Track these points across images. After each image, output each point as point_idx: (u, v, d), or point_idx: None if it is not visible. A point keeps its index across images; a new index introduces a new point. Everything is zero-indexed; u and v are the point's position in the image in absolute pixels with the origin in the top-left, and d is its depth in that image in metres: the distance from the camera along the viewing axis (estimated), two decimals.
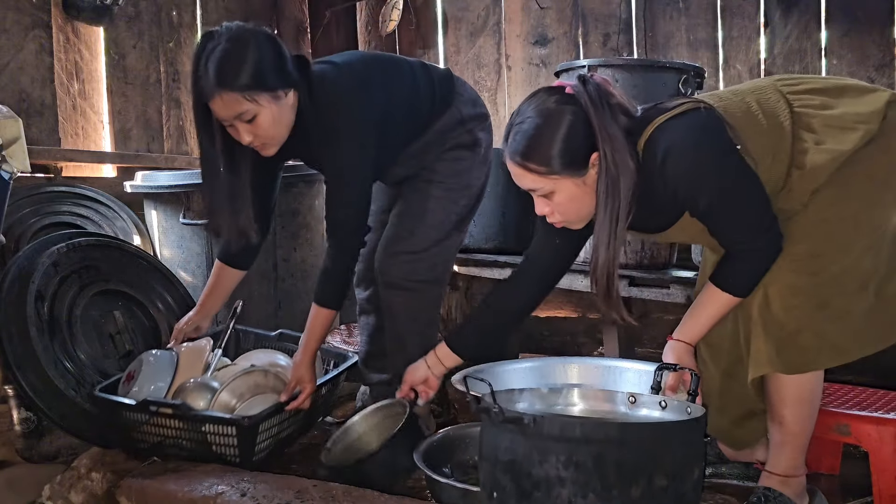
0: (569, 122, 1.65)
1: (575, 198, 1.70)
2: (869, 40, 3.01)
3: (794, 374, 1.70)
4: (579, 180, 1.68)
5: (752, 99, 1.75)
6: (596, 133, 1.64)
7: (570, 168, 1.66)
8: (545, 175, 1.68)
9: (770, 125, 1.72)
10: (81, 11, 3.40)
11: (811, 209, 1.72)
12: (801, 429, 1.75)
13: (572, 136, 1.65)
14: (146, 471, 1.98)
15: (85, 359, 2.21)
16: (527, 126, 1.68)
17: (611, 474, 1.42)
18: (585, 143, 1.65)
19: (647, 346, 3.48)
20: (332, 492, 1.80)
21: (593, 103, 1.65)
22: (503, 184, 3.22)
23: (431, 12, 4.22)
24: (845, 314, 1.70)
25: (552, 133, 1.65)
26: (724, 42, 3.34)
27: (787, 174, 1.72)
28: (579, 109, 1.66)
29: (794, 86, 1.79)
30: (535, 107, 1.69)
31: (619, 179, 1.65)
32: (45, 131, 3.34)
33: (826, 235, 1.70)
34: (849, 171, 1.71)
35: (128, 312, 2.40)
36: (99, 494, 1.99)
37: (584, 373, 2.45)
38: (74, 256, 2.30)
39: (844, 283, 1.70)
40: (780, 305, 1.68)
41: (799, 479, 1.78)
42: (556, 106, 1.67)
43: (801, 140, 1.72)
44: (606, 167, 1.64)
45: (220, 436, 1.97)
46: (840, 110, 1.73)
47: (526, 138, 1.67)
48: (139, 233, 3.19)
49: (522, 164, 1.69)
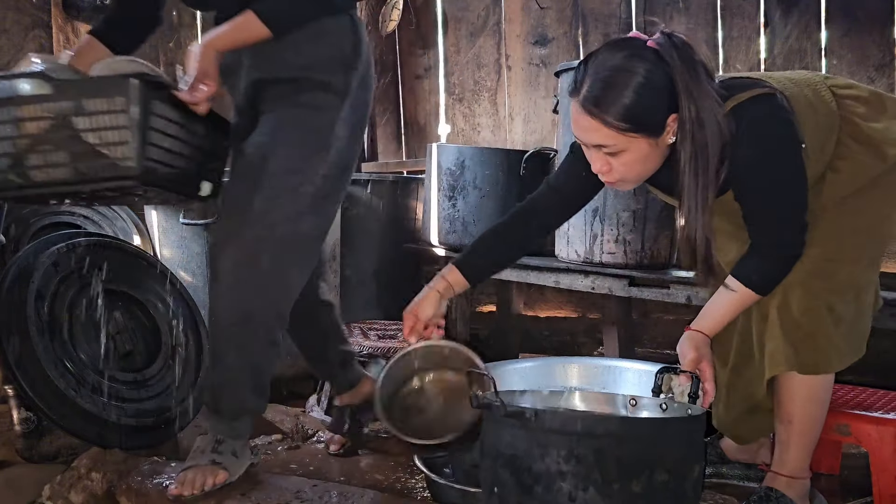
0: (654, 76, 1.57)
1: (644, 158, 1.62)
2: (869, 40, 3.01)
3: (809, 374, 1.71)
4: (654, 140, 1.61)
5: (809, 92, 1.73)
6: (679, 92, 1.57)
7: (649, 126, 1.59)
8: (624, 132, 1.58)
9: (823, 124, 1.71)
10: (81, 11, 3.40)
11: (831, 214, 1.72)
12: (809, 428, 1.76)
13: (657, 92, 1.57)
14: (146, 471, 1.98)
15: (85, 359, 2.21)
16: (609, 74, 1.57)
17: (611, 468, 1.42)
18: (668, 102, 1.58)
19: (647, 346, 3.48)
20: (331, 492, 1.81)
21: (682, 59, 1.58)
22: (503, 184, 3.22)
23: (431, 12, 4.22)
24: (841, 321, 1.72)
25: (638, 86, 1.56)
26: (724, 42, 3.34)
27: (822, 176, 1.73)
28: (664, 65, 1.58)
29: (843, 89, 1.78)
30: (619, 56, 1.59)
31: (706, 142, 1.58)
32: None
33: (841, 243, 1.72)
34: (871, 185, 1.73)
35: (128, 312, 2.40)
36: (99, 494, 1.99)
37: (584, 373, 2.45)
38: (74, 256, 2.30)
39: (846, 291, 1.72)
40: (798, 307, 1.69)
41: (803, 482, 1.79)
42: (640, 58, 1.58)
43: (843, 145, 1.72)
44: (692, 128, 1.57)
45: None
46: (883, 125, 1.74)
47: (607, 88, 1.57)
48: (139, 233, 3.19)
49: (599, 116, 1.58)
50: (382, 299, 3.71)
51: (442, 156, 3.30)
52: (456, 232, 3.28)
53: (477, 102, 4.09)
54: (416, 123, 4.34)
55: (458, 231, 3.27)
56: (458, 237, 3.28)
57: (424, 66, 4.29)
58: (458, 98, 4.15)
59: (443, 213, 3.30)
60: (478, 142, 4.04)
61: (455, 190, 3.25)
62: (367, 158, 4.49)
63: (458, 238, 3.28)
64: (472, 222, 3.25)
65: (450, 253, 3.32)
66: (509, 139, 3.96)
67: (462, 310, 3.45)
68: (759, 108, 1.63)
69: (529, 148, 3.45)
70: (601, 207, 2.78)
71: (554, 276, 2.95)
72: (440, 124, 4.24)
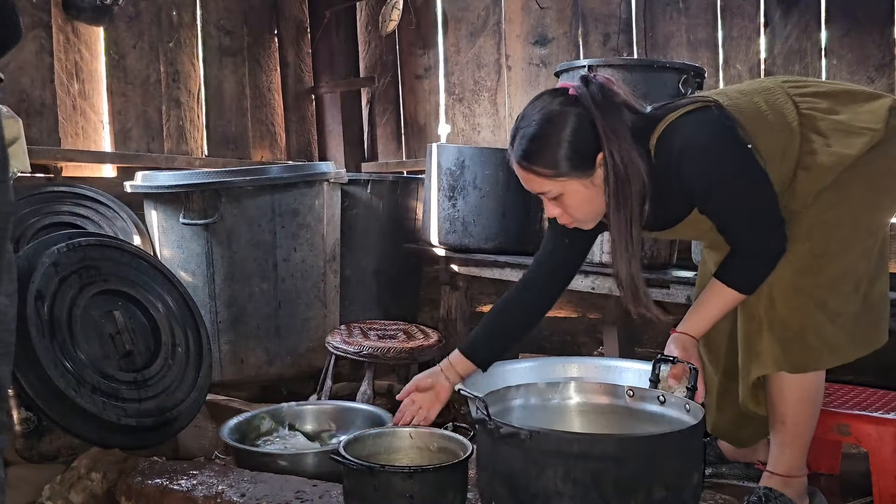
0: (573, 123, 1.65)
1: (585, 199, 1.70)
2: (869, 40, 3.00)
3: (798, 373, 1.70)
4: (587, 181, 1.68)
5: (760, 99, 1.75)
6: (600, 133, 1.64)
7: (577, 169, 1.66)
8: (553, 178, 1.67)
9: (779, 125, 1.72)
10: (81, 11, 3.40)
11: (813, 210, 1.72)
12: (803, 429, 1.75)
13: (577, 137, 1.64)
14: (146, 471, 1.98)
15: (85, 359, 2.21)
16: (531, 130, 1.68)
17: (609, 489, 1.42)
18: (592, 144, 1.65)
19: (647, 345, 3.48)
20: (331, 492, 1.81)
21: (596, 104, 1.65)
22: (503, 184, 3.22)
23: (431, 12, 4.21)
24: (838, 315, 1.71)
25: (557, 135, 1.65)
26: (724, 42, 3.34)
27: (793, 174, 1.73)
28: (584, 110, 1.65)
29: (800, 88, 1.79)
30: (538, 110, 1.69)
31: (628, 179, 1.64)
32: (45, 131, 3.34)
33: (827, 237, 1.71)
34: (850, 175, 1.72)
35: (128, 312, 2.40)
36: (99, 494, 1.99)
37: (583, 372, 2.45)
38: (74, 256, 2.30)
39: (840, 285, 1.71)
40: (785, 305, 1.69)
41: (800, 480, 1.78)
42: (560, 108, 1.66)
43: (809, 141, 1.72)
44: (614, 167, 1.64)
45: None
46: (846, 115, 1.74)
47: (531, 142, 1.67)
48: (139, 233, 3.19)
49: (529, 168, 1.69)
50: (382, 299, 3.72)
51: (442, 156, 3.30)
52: (456, 232, 3.28)
53: (477, 102, 4.09)
54: (416, 123, 4.34)
55: (458, 231, 3.27)
56: (458, 237, 3.28)
57: (424, 66, 4.28)
58: (458, 98, 4.15)
59: (443, 213, 3.30)
60: (478, 142, 4.04)
61: (455, 190, 3.25)
62: (366, 158, 4.49)
63: (458, 238, 3.28)
64: (472, 222, 3.25)
65: (450, 253, 3.32)
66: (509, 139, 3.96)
67: (462, 310, 3.44)
68: (691, 121, 1.67)
69: None
70: None
71: None
72: (440, 124, 4.24)
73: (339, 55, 4.45)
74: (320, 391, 2.87)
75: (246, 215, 3.01)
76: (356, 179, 3.63)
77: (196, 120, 3.98)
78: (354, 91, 4.49)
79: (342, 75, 4.46)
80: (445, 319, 3.44)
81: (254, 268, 3.05)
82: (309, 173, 3.14)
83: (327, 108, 4.52)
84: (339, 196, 3.38)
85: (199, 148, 4.00)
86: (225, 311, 3.05)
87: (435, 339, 2.88)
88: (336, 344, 2.80)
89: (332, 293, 3.31)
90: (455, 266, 3.37)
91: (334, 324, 3.28)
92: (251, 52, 4.29)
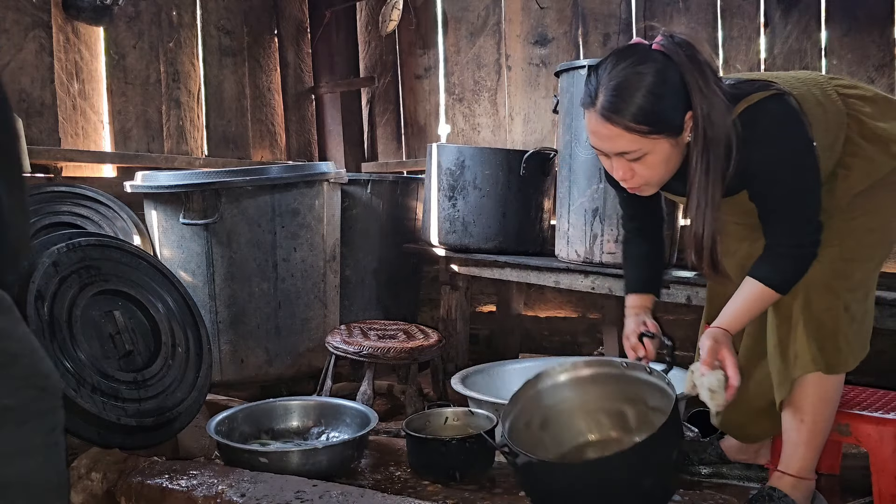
0: (669, 77, 1.57)
1: (665, 159, 1.63)
2: (869, 40, 3.00)
3: (831, 374, 1.72)
4: (675, 140, 1.61)
5: (817, 91, 1.74)
6: (691, 90, 1.57)
7: (672, 127, 1.59)
8: (646, 135, 1.58)
9: (833, 122, 1.72)
10: (81, 11, 3.40)
11: (844, 215, 1.74)
12: (821, 428, 1.77)
13: (675, 92, 1.57)
14: (146, 471, 1.98)
15: (85, 359, 2.21)
16: (628, 82, 1.56)
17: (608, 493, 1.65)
18: (685, 101, 1.59)
19: None
20: (331, 492, 1.81)
21: (690, 59, 1.58)
22: (503, 184, 3.22)
23: (431, 12, 4.21)
24: (853, 320, 1.73)
25: (656, 89, 1.56)
26: (724, 42, 3.34)
27: (833, 173, 1.74)
28: (675, 66, 1.58)
29: (847, 89, 1.79)
30: (630, 62, 1.58)
31: (719, 140, 1.58)
32: (45, 131, 3.34)
33: (856, 242, 1.73)
34: (881, 184, 1.74)
35: (128, 312, 2.40)
36: (99, 494, 1.99)
37: None
38: (74, 256, 2.30)
39: (859, 290, 1.75)
40: (820, 306, 1.70)
41: (808, 484, 1.79)
42: (651, 63, 1.58)
43: (853, 143, 1.73)
44: (704, 127, 1.58)
45: None
46: (889, 124, 1.75)
47: (627, 95, 1.56)
48: (139, 233, 3.19)
49: (623, 123, 1.57)
50: (382, 299, 3.72)
51: (442, 156, 3.30)
52: (456, 232, 3.28)
53: (477, 102, 4.09)
54: (416, 123, 4.34)
55: (458, 231, 3.27)
56: (458, 237, 3.28)
57: (424, 66, 4.29)
58: (458, 98, 4.15)
59: (443, 212, 3.30)
60: (478, 142, 4.04)
61: (455, 190, 3.25)
62: (367, 158, 4.49)
63: (458, 238, 3.28)
64: (472, 222, 3.25)
65: (450, 253, 3.32)
66: (509, 139, 3.96)
67: (462, 310, 3.44)
68: (773, 108, 1.63)
69: (529, 148, 3.45)
70: (601, 208, 2.77)
71: (554, 276, 2.95)
72: (440, 124, 4.24)
73: (339, 55, 4.45)
74: (320, 391, 2.86)
75: (246, 215, 3.01)
76: (356, 179, 3.64)
77: (196, 120, 3.98)
78: (354, 91, 4.49)
79: (342, 75, 4.46)
80: (445, 319, 3.44)
81: (254, 268, 3.05)
82: (309, 173, 3.14)
83: (327, 108, 4.52)
84: (339, 196, 3.38)
85: (199, 148, 4.00)
86: (225, 311, 3.05)
87: (435, 339, 2.87)
88: (336, 344, 2.80)
89: (332, 293, 3.31)
90: (455, 266, 3.37)
91: (334, 324, 3.28)
92: (251, 52, 4.29)
